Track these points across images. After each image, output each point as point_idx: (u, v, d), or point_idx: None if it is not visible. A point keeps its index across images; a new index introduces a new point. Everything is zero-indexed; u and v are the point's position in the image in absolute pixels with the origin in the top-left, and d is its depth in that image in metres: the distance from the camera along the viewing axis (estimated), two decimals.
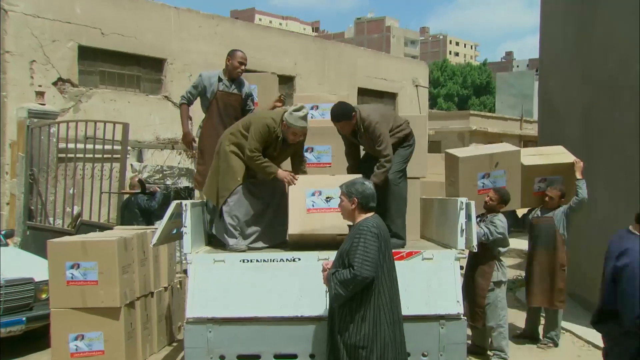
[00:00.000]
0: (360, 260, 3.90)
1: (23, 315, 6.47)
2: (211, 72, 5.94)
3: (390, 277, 4.12)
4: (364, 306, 3.99)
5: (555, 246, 6.75)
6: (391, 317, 4.06)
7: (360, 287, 3.93)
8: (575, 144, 8.97)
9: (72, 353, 5.75)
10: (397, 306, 4.16)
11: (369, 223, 4.05)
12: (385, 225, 4.23)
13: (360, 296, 3.98)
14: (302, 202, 5.18)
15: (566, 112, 9.35)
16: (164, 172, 13.72)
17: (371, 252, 3.92)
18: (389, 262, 4.12)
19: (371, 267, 3.90)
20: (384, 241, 4.04)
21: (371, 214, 4.17)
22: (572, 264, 8.81)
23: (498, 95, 42.27)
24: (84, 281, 5.73)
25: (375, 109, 5.45)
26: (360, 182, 4.25)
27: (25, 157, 8.99)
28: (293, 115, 5.23)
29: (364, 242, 3.94)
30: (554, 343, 6.83)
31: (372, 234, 3.97)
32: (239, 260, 5.08)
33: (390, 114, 5.57)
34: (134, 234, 6.13)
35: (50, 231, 8.96)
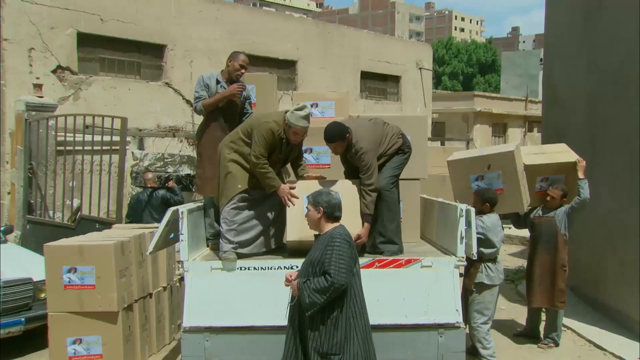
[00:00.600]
0: (336, 267, 3.92)
1: (22, 316, 6.45)
2: (209, 73, 5.81)
3: (360, 286, 4.15)
4: (336, 314, 4.01)
5: (556, 246, 6.67)
6: (362, 325, 4.10)
7: (336, 295, 3.96)
8: (579, 135, 8.85)
9: (70, 357, 5.74)
10: (366, 315, 4.18)
11: (340, 231, 4.09)
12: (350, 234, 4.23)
13: (333, 304, 4.00)
14: (299, 208, 5.11)
15: (571, 101, 9.19)
16: (165, 159, 13.63)
17: (345, 260, 3.97)
18: (359, 272, 4.17)
19: (347, 274, 3.95)
20: (353, 249, 4.07)
21: (338, 224, 4.18)
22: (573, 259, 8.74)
23: (503, 75, 41.90)
24: (81, 285, 5.70)
25: (367, 133, 5.32)
26: (326, 192, 4.27)
27: (23, 150, 8.92)
28: (295, 115, 5.13)
29: (339, 250, 3.97)
30: (555, 343, 6.79)
31: (345, 242, 4.02)
32: (237, 268, 5.04)
33: (381, 134, 5.44)
34: (132, 237, 6.07)
35: (50, 226, 8.95)
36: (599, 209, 8.08)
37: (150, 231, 6.50)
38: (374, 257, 5.13)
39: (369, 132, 5.34)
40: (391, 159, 5.45)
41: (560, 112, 9.55)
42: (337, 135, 5.21)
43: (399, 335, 4.89)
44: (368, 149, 5.21)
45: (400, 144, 5.49)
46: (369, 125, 5.46)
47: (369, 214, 5.20)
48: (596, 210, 8.15)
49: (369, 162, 5.21)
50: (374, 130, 5.41)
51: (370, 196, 5.19)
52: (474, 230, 5.09)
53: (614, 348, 6.69)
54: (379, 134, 5.41)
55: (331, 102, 6.94)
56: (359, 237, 5.13)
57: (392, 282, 4.99)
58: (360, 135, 5.25)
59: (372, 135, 5.33)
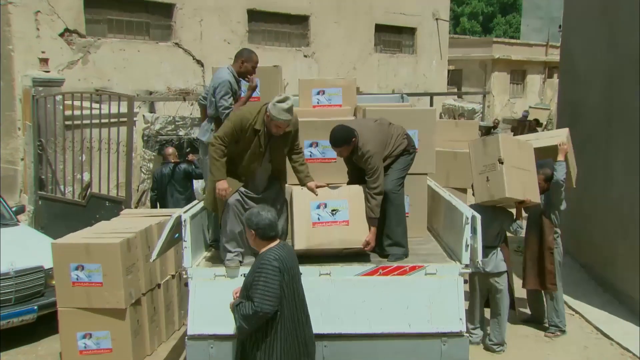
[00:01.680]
0: (261, 295, 3.86)
1: (35, 304, 6.57)
2: (229, 74, 5.55)
3: (296, 307, 4.07)
4: (269, 338, 3.99)
5: (542, 230, 6.66)
6: (297, 348, 4.06)
7: (262, 322, 3.93)
8: (594, 114, 8.64)
9: (80, 350, 5.86)
10: (305, 336, 4.13)
11: (270, 255, 3.97)
12: (290, 252, 4.15)
13: (266, 328, 3.97)
14: (307, 215, 5.06)
15: (588, 79, 8.91)
16: (176, 122, 13.55)
17: (271, 287, 3.88)
18: (295, 293, 4.07)
19: (272, 301, 3.87)
20: (287, 272, 3.97)
21: (275, 243, 4.07)
22: (586, 237, 8.72)
23: (524, 19, 40.77)
24: (89, 283, 5.76)
25: (373, 136, 5.18)
26: (256, 213, 4.10)
27: (32, 127, 8.90)
28: (276, 107, 4.83)
29: (265, 277, 3.88)
30: (561, 330, 6.80)
31: (273, 268, 3.91)
32: (241, 275, 5.02)
33: (387, 136, 5.31)
34: (138, 232, 6.07)
35: (61, 202, 9.02)
36: (612, 191, 7.96)
37: (157, 222, 6.51)
38: (378, 264, 5.09)
39: (374, 135, 5.22)
40: (397, 160, 5.36)
41: (577, 88, 9.27)
42: (342, 140, 5.11)
43: (402, 343, 4.89)
44: (374, 152, 5.11)
45: (405, 144, 5.38)
46: (374, 126, 5.32)
47: (374, 217, 5.14)
48: (610, 192, 8.04)
49: (375, 165, 5.12)
50: (379, 131, 5.29)
51: (375, 200, 5.12)
52: (479, 237, 5.01)
53: (621, 337, 6.69)
54: (385, 136, 5.29)
55: (338, 89, 6.80)
56: (368, 244, 5.11)
57: (395, 289, 4.96)
58: (366, 138, 5.13)
59: (378, 138, 5.22)
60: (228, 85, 5.45)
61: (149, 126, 13.38)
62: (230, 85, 5.48)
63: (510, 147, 6.19)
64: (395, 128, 5.42)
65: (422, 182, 6.11)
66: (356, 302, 4.94)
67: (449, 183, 8.62)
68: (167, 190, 8.91)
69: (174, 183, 8.94)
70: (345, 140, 5.08)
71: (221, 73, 5.57)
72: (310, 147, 6.10)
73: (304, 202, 5.11)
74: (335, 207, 5.10)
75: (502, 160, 6.00)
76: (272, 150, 5.19)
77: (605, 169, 8.20)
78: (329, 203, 5.10)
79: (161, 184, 9.04)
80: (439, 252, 5.58)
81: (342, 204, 5.10)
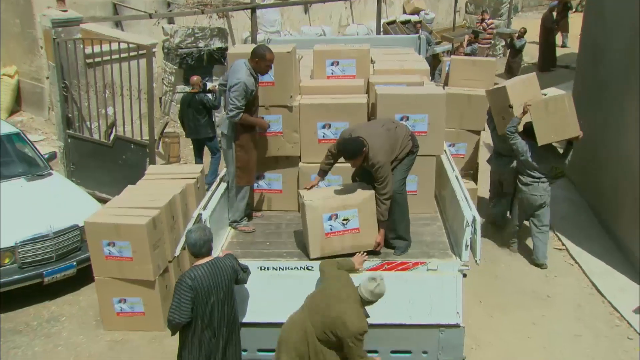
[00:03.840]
0: (173, 308, 4.52)
1: (73, 260, 7.24)
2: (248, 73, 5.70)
3: (207, 323, 4.64)
4: (187, 341, 4.67)
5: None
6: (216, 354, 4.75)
7: (176, 329, 4.63)
8: (614, 62, 8.48)
9: (117, 312, 6.56)
10: (224, 345, 4.78)
11: (188, 273, 4.56)
12: (216, 271, 4.64)
13: (186, 332, 4.66)
14: (319, 227, 5.40)
15: (613, 23, 8.63)
16: (195, 34, 13.52)
17: (182, 302, 4.49)
18: (214, 306, 4.62)
19: (180, 315, 4.50)
20: (202, 291, 4.53)
21: (202, 261, 4.64)
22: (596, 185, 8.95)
23: None
24: (120, 257, 6.30)
25: (381, 143, 5.34)
26: (187, 233, 4.73)
27: (56, 68, 9.09)
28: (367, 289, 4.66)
29: (178, 293, 4.52)
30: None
31: (186, 285, 4.50)
32: (257, 268, 5.49)
33: (395, 141, 5.49)
34: (162, 207, 6.49)
35: (89, 141, 9.43)
36: (624, 144, 8.04)
37: (180, 191, 6.89)
38: (383, 260, 5.50)
39: (383, 142, 5.37)
40: (402, 161, 5.58)
41: (601, 30, 9.00)
42: (354, 153, 5.28)
43: (403, 332, 5.41)
44: (384, 162, 5.31)
45: (410, 146, 5.59)
46: (382, 132, 5.46)
47: (384, 220, 5.48)
48: (622, 144, 8.12)
49: (385, 174, 5.34)
50: (387, 138, 5.44)
51: (385, 204, 5.41)
52: (479, 237, 5.34)
53: (613, 295, 7.16)
54: (393, 142, 5.46)
55: (352, 60, 6.84)
56: (378, 244, 5.51)
57: (399, 284, 5.38)
58: (377, 149, 5.29)
59: (387, 146, 5.39)
60: (244, 87, 5.60)
61: (168, 39, 13.40)
62: (246, 87, 5.61)
63: (518, 90, 7.65)
64: (400, 130, 5.58)
65: (430, 163, 6.35)
66: None
67: (463, 125, 8.82)
68: (187, 115, 10.00)
69: (192, 110, 9.92)
70: (356, 153, 5.27)
71: (240, 72, 5.67)
72: (323, 128, 6.30)
73: (316, 214, 5.39)
74: (346, 217, 5.42)
75: (511, 105, 7.59)
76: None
77: (620, 120, 8.23)
78: (340, 214, 5.41)
79: (182, 108, 10.15)
80: (442, 239, 5.95)
81: (352, 214, 5.42)
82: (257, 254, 5.71)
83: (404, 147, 5.54)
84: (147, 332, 6.50)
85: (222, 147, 6.19)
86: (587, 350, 6.28)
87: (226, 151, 6.09)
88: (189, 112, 9.94)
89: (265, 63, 5.71)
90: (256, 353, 5.49)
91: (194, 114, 9.92)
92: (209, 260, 4.67)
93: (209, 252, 4.72)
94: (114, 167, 9.19)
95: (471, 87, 8.98)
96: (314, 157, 6.30)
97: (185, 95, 10.22)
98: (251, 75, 5.72)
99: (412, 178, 6.30)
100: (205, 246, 4.66)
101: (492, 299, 7.10)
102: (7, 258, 6.87)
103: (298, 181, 6.47)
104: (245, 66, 5.73)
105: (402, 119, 6.11)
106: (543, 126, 7.30)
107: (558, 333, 6.52)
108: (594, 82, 9.24)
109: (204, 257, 4.68)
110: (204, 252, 4.67)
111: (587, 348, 6.31)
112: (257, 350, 5.49)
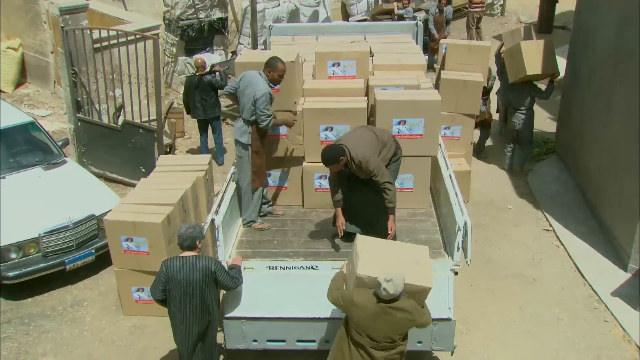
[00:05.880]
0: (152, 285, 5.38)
1: (92, 247, 7.77)
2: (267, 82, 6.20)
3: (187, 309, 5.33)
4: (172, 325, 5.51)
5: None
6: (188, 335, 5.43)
7: (159, 304, 5.46)
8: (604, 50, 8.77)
9: (136, 300, 7.11)
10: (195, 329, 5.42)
11: (166, 262, 5.30)
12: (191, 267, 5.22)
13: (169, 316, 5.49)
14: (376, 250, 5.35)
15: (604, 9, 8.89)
16: (196, 5, 13.69)
17: (157, 282, 5.32)
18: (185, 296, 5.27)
19: (154, 292, 5.37)
20: (172, 279, 5.23)
21: (185, 254, 5.29)
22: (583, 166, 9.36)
23: None
24: (137, 251, 6.80)
25: (362, 143, 5.84)
26: (180, 227, 5.43)
27: (64, 54, 9.38)
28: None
29: (157, 274, 5.34)
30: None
31: (162, 270, 5.28)
32: (265, 267, 6.02)
33: (377, 139, 5.96)
34: (175, 204, 6.93)
35: (98, 125, 9.80)
36: (610, 131, 8.42)
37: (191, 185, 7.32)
38: None
39: (364, 141, 5.88)
40: (388, 166, 6.05)
41: (592, 15, 9.24)
42: (331, 159, 5.77)
43: None
44: (369, 156, 5.77)
45: (395, 147, 6.10)
46: (362, 134, 5.98)
47: (393, 207, 5.93)
48: (608, 131, 8.50)
49: (375, 165, 5.78)
50: (369, 139, 5.94)
51: (391, 191, 5.86)
52: (470, 239, 5.84)
53: (594, 278, 7.71)
54: (376, 146, 5.95)
55: (352, 61, 7.19)
56: (390, 230, 5.98)
57: None
58: (359, 148, 5.78)
59: (368, 143, 5.89)
60: (269, 97, 6.14)
61: (169, 10, 13.56)
62: (270, 96, 6.16)
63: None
64: (384, 133, 6.10)
65: (426, 163, 6.80)
66: None
67: (458, 109, 9.20)
68: (194, 97, 10.32)
69: (200, 92, 10.28)
70: (334, 159, 5.76)
71: (260, 84, 6.15)
72: (325, 130, 6.70)
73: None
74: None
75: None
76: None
77: (607, 105, 8.58)
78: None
79: (187, 90, 10.44)
80: (435, 237, 6.45)
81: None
82: (266, 253, 6.24)
83: (390, 148, 6.02)
84: (163, 317, 7.05)
85: (237, 154, 6.58)
86: (567, 333, 6.87)
87: (241, 158, 6.53)
88: (197, 93, 10.29)
89: (278, 73, 6.16)
90: (266, 343, 6.06)
91: (201, 96, 10.29)
92: (189, 256, 5.29)
93: (191, 248, 5.31)
94: (123, 150, 9.61)
95: (467, 71, 9.33)
96: (317, 157, 6.71)
97: (191, 77, 10.54)
98: (268, 85, 6.19)
99: (408, 177, 6.82)
100: (187, 242, 5.27)
101: (483, 282, 7.65)
102: (32, 248, 7.39)
103: (302, 179, 6.94)
104: (262, 77, 6.20)
105: (400, 123, 6.54)
106: (510, 68, 9.85)
107: (541, 316, 7.10)
108: (584, 66, 9.57)
109: (185, 250, 5.32)
110: (185, 247, 5.30)
111: (567, 331, 6.90)
112: (266, 340, 6.06)
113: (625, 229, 7.79)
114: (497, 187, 9.99)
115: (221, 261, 5.78)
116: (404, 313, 4.80)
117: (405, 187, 6.83)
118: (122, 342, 6.83)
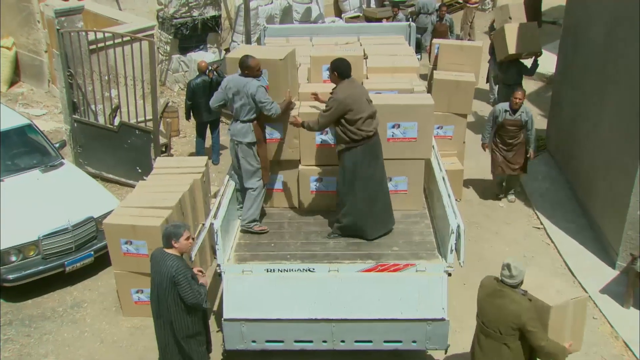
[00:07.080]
0: None
1: (91, 249, 7.88)
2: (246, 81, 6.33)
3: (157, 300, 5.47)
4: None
5: None
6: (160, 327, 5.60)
7: None
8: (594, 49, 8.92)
9: (135, 301, 7.24)
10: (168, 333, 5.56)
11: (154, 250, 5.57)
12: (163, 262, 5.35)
13: None
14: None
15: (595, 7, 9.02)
16: (189, 4, 13.73)
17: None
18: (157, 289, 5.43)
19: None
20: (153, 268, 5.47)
21: (168, 249, 5.43)
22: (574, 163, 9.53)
23: None
24: (137, 254, 6.92)
25: (350, 91, 6.20)
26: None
27: (60, 56, 9.44)
28: None
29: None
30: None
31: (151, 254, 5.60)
32: (264, 270, 6.16)
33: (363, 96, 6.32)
34: (173, 207, 7.05)
35: (95, 126, 9.88)
36: (601, 130, 8.57)
37: (188, 188, 7.43)
38: (377, 262, 6.17)
39: (351, 91, 6.20)
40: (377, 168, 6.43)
41: (582, 13, 9.38)
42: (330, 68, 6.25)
43: (395, 325, 6.11)
44: (339, 99, 6.12)
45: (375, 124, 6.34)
46: (358, 90, 6.32)
47: (307, 126, 6.41)
48: (599, 130, 8.65)
49: (329, 107, 6.17)
50: (360, 94, 6.28)
51: (318, 124, 6.31)
52: (463, 241, 6.00)
53: (583, 275, 7.90)
54: (365, 103, 6.25)
55: None
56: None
57: (391, 283, 6.08)
58: (342, 90, 6.17)
59: (354, 95, 6.19)
60: (263, 89, 6.35)
61: (163, 8, 13.60)
62: (263, 87, 6.36)
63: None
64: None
65: (419, 166, 6.94)
66: (358, 293, 6.09)
67: (450, 108, 9.33)
68: (201, 100, 10.15)
69: (207, 94, 9.86)
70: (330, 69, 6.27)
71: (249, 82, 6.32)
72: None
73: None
74: None
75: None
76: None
77: (598, 104, 8.73)
78: None
79: (194, 94, 10.28)
80: (429, 239, 6.61)
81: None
82: (264, 256, 6.37)
83: (368, 112, 6.24)
84: None
85: (239, 156, 6.63)
86: None
87: (245, 158, 6.58)
88: (204, 97, 9.95)
89: (255, 69, 6.34)
90: (264, 344, 6.21)
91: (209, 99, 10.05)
92: (166, 251, 5.42)
93: (167, 246, 5.42)
94: (119, 150, 9.69)
95: (459, 71, 9.47)
96: (312, 161, 6.91)
97: (197, 82, 10.30)
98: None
99: (402, 179, 6.96)
100: (164, 239, 5.44)
101: (475, 280, 7.72)
102: (32, 251, 7.50)
103: (298, 182, 7.07)
104: (247, 77, 6.37)
105: (394, 127, 6.68)
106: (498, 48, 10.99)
107: None
108: (575, 64, 9.72)
109: (164, 247, 5.45)
110: (164, 244, 5.46)
111: None
112: (265, 341, 6.21)
113: (613, 227, 7.98)
114: (488, 185, 10.14)
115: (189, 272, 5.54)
116: (517, 305, 5.01)
117: (399, 189, 6.97)
118: (123, 343, 6.96)
